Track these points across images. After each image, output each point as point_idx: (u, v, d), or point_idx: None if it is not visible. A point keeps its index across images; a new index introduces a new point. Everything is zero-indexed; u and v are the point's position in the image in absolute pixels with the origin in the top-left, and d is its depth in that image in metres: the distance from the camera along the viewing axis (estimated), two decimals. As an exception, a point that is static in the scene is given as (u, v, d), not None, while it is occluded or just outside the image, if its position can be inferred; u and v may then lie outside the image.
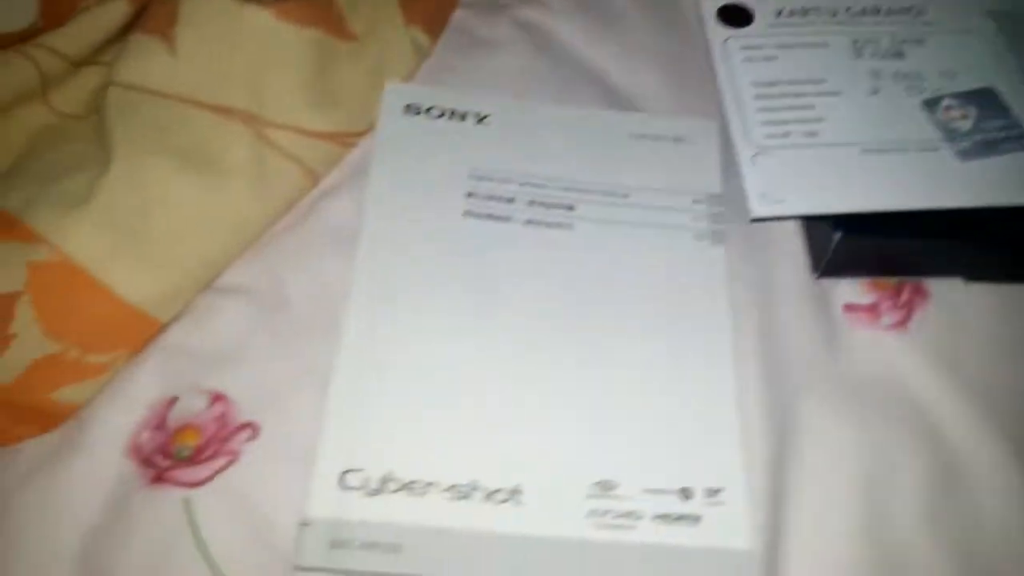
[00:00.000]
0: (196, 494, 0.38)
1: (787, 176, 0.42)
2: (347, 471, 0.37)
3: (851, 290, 0.43)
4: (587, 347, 0.40)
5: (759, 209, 0.41)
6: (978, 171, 0.41)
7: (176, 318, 0.42)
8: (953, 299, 0.43)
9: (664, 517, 0.36)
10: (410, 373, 0.39)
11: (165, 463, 0.39)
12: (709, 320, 0.41)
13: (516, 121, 0.46)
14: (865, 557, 0.36)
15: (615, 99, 0.49)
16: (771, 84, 0.45)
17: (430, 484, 0.37)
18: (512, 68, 0.49)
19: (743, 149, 0.43)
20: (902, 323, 0.42)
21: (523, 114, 0.47)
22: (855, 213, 0.40)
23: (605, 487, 0.37)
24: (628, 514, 0.36)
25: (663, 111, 0.48)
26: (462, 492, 0.37)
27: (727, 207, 0.44)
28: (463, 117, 0.46)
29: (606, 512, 0.36)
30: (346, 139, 0.45)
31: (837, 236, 0.40)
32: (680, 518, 0.36)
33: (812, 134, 0.43)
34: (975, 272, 0.42)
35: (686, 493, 0.37)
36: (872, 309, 0.42)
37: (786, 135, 0.43)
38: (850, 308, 0.43)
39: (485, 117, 0.46)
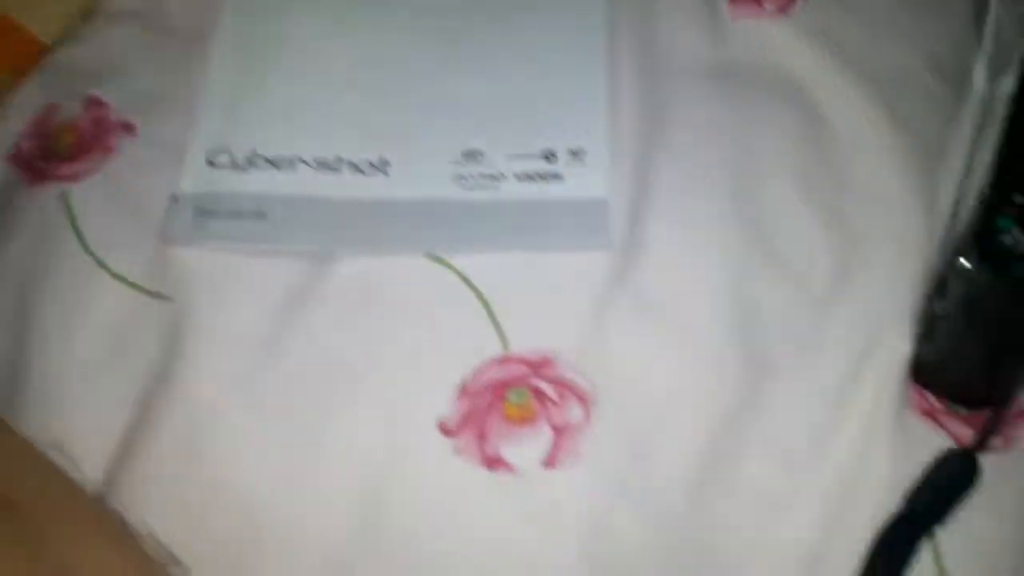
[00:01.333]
0: (74, 188, 0.38)
1: None
2: (216, 150, 0.37)
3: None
4: (457, 26, 0.40)
5: None
6: None
7: (61, 41, 0.42)
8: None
9: (527, 176, 0.36)
10: (280, 58, 0.39)
11: (44, 164, 0.39)
12: (585, 10, 0.40)
13: None
14: (732, 223, 0.36)
15: None
16: None
17: (297, 158, 0.37)
18: None
19: None
20: (784, 8, 0.41)
21: None
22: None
23: (470, 155, 0.37)
24: (492, 176, 0.36)
25: None
26: (329, 165, 0.37)
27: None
28: None
29: (471, 176, 0.36)
30: None
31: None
32: (542, 176, 0.36)
33: None
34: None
35: (549, 155, 0.37)
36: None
37: None
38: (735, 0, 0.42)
39: None
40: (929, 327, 0.32)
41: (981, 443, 0.30)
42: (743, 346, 0.34)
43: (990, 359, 0.31)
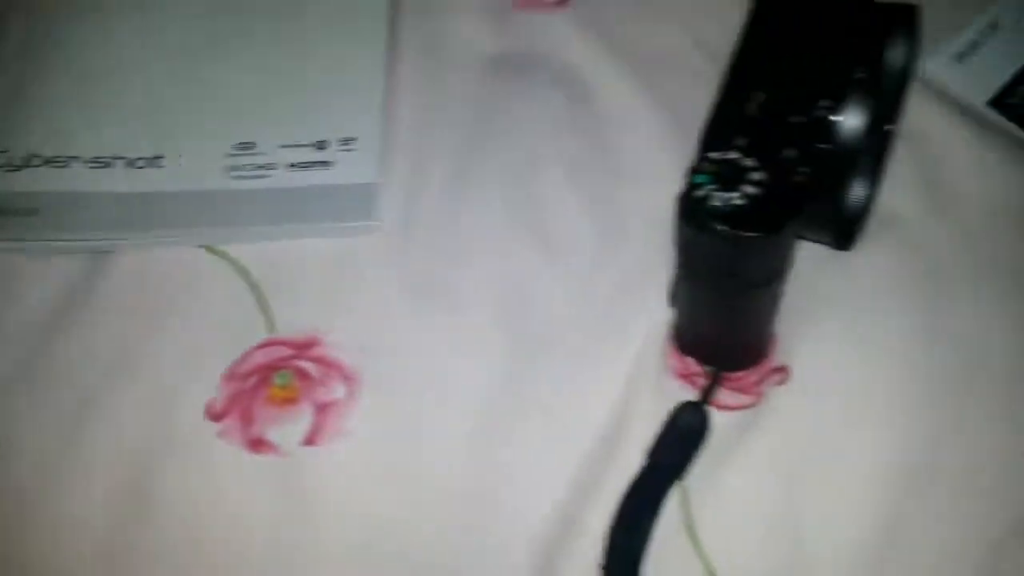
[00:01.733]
0: None
1: None
2: (-8, 152, 0.37)
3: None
4: (236, 24, 0.41)
5: None
6: None
7: None
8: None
9: (298, 165, 0.37)
10: (59, 62, 0.40)
11: None
12: (368, 4, 0.42)
13: None
14: (502, 206, 0.38)
15: None
16: None
17: (72, 158, 0.37)
18: None
19: None
20: (563, 1, 0.43)
21: None
22: None
23: (244, 147, 0.38)
24: (265, 166, 0.37)
25: None
26: (104, 162, 0.37)
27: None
28: None
29: (244, 167, 0.37)
30: None
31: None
32: (313, 164, 0.37)
33: None
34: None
35: (321, 144, 0.38)
36: (538, -9, 0.43)
37: None
38: (518, -8, 0.44)
39: None
40: (672, 292, 0.33)
41: (706, 396, 0.31)
42: (509, 321, 0.35)
43: (717, 318, 0.32)
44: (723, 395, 0.34)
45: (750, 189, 0.26)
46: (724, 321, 0.32)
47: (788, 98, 0.29)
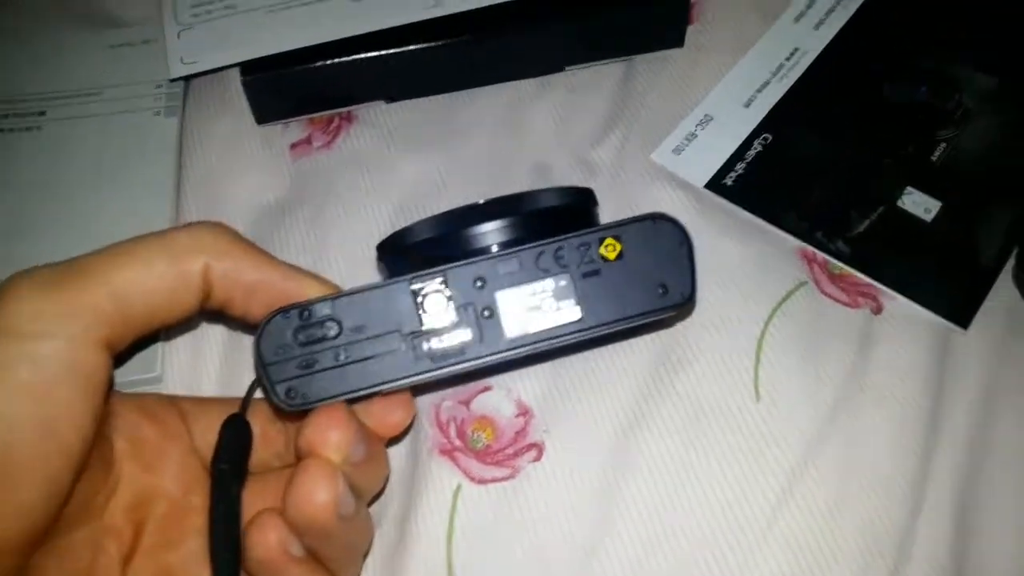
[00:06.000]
0: None
1: (205, 42, 0.48)
2: None
3: (296, 130, 0.49)
4: (20, 207, 0.45)
5: (176, 70, 0.47)
6: (365, 7, 0.48)
7: None
8: (376, 117, 0.49)
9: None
10: None
11: None
12: (156, 171, 0.46)
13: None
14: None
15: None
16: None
17: None
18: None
19: (170, 29, 0.49)
20: (328, 144, 0.48)
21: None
22: (263, 58, 0.47)
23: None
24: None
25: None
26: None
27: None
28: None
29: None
30: None
31: (242, 79, 0.46)
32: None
33: (231, 7, 0.49)
34: (393, 93, 0.49)
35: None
36: (308, 141, 0.49)
37: (209, 12, 0.49)
38: (294, 145, 0.49)
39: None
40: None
41: (243, 407, 0.32)
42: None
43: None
44: (478, 468, 0.38)
45: None
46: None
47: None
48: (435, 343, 0.30)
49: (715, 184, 0.48)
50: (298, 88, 0.48)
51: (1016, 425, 0.39)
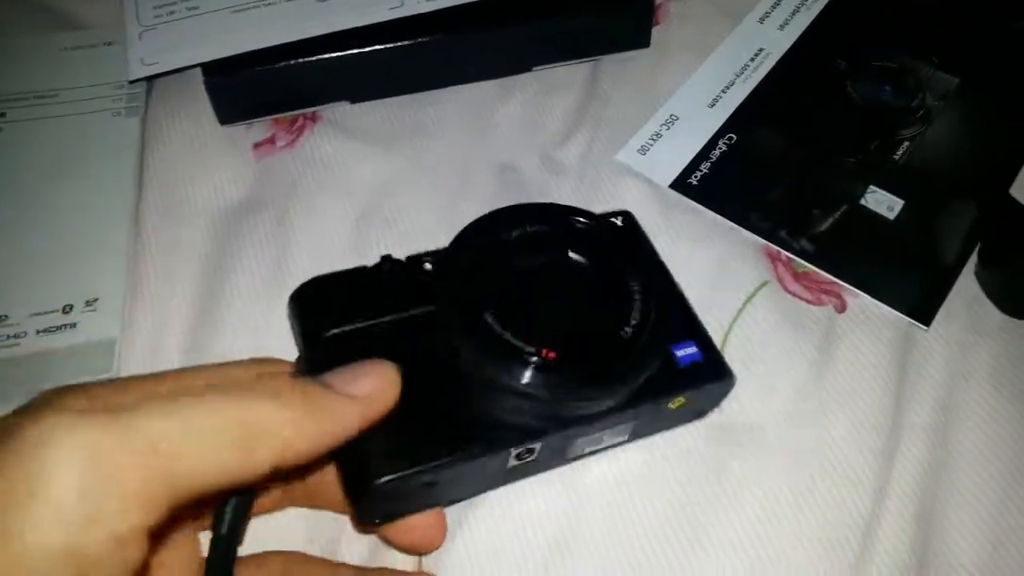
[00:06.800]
0: None
1: (167, 43, 0.48)
2: None
3: (260, 130, 0.49)
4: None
5: (136, 72, 0.47)
6: (328, 8, 0.48)
7: None
8: (340, 117, 0.49)
9: (47, 331, 0.40)
10: None
11: None
12: (117, 171, 0.46)
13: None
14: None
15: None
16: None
17: None
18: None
19: (132, 30, 0.48)
20: (291, 144, 0.48)
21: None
22: (226, 59, 0.46)
23: (-2, 322, 0.41)
24: (15, 335, 0.40)
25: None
26: None
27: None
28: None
29: (-1, 338, 0.40)
30: None
31: (204, 80, 0.46)
32: (60, 328, 0.40)
33: (194, 8, 0.49)
34: (358, 94, 0.49)
35: (67, 308, 0.41)
36: (271, 140, 0.48)
37: (171, 12, 0.49)
38: (257, 145, 0.48)
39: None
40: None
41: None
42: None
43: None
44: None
45: None
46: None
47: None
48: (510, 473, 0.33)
49: (680, 183, 0.48)
50: (261, 89, 0.48)
51: (977, 421, 0.40)
